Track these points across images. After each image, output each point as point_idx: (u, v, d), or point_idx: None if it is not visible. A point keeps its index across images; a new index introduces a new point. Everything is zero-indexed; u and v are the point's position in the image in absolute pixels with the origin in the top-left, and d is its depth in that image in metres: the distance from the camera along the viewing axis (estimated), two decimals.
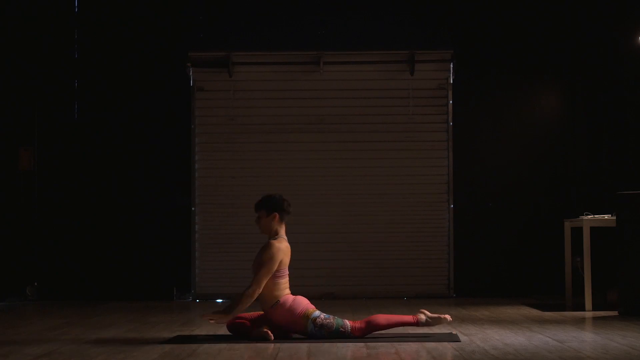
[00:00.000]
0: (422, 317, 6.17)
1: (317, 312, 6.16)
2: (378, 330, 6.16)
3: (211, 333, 6.60)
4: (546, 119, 10.16)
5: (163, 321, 7.56)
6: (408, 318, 6.19)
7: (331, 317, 6.17)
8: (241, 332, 6.23)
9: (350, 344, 5.90)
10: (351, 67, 10.14)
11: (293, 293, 6.30)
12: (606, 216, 8.31)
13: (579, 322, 7.15)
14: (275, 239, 6.29)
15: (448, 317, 6.18)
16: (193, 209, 10.03)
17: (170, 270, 9.98)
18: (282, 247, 6.24)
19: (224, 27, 10.16)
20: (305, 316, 6.11)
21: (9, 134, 10.04)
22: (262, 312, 6.32)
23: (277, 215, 6.30)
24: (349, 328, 6.10)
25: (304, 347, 5.77)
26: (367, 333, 6.13)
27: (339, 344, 5.88)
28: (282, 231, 6.34)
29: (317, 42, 10.12)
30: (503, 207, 10.08)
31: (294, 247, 6.43)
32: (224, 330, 6.58)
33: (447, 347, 5.72)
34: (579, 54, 10.08)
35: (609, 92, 10.03)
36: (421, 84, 10.10)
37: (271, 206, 6.31)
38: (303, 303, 6.20)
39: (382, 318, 6.18)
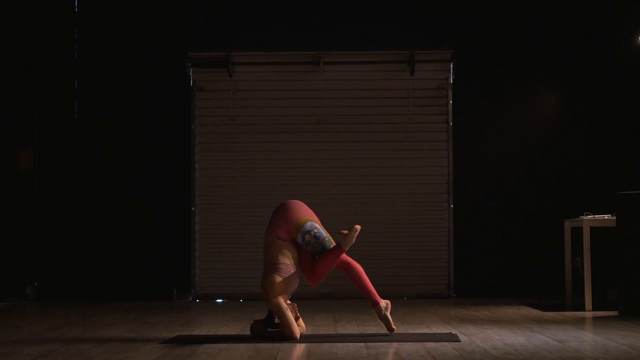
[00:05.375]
0: (382, 306, 6.19)
1: (309, 225, 6.17)
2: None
3: (211, 333, 6.60)
4: (546, 119, 10.16)
5: (163, 321, 7.56)
6: (375, 297, 6.20)
7: (322, 237, 6.19)
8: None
9: (350, 344, 5.91)
10: (351, 67, 10.14)
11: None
12: (606, 216, 8.31)
13: (579, 322, 7.15)
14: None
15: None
16: (193, 209, 10.03)
17: (170, 270, 9.98)
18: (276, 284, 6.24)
19: (224, 27, 10.16)
20: (297, 227, 6.17)
21: (9, 134, 10.04)
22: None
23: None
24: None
25: (304, 347, 5.77)
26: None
27: (339, 344, 5.88)
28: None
29: (317, 42, 10.12)
30: (503, 207, 10.07)
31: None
32: (223, 330, 6.59)
33: (447, 347, 5.72)
34: (579, 54, 10.08)
35: (609, 92, 10.03)
36: (421, 84, 10.10)
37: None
38: (300, 212, 6.21)
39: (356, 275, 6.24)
